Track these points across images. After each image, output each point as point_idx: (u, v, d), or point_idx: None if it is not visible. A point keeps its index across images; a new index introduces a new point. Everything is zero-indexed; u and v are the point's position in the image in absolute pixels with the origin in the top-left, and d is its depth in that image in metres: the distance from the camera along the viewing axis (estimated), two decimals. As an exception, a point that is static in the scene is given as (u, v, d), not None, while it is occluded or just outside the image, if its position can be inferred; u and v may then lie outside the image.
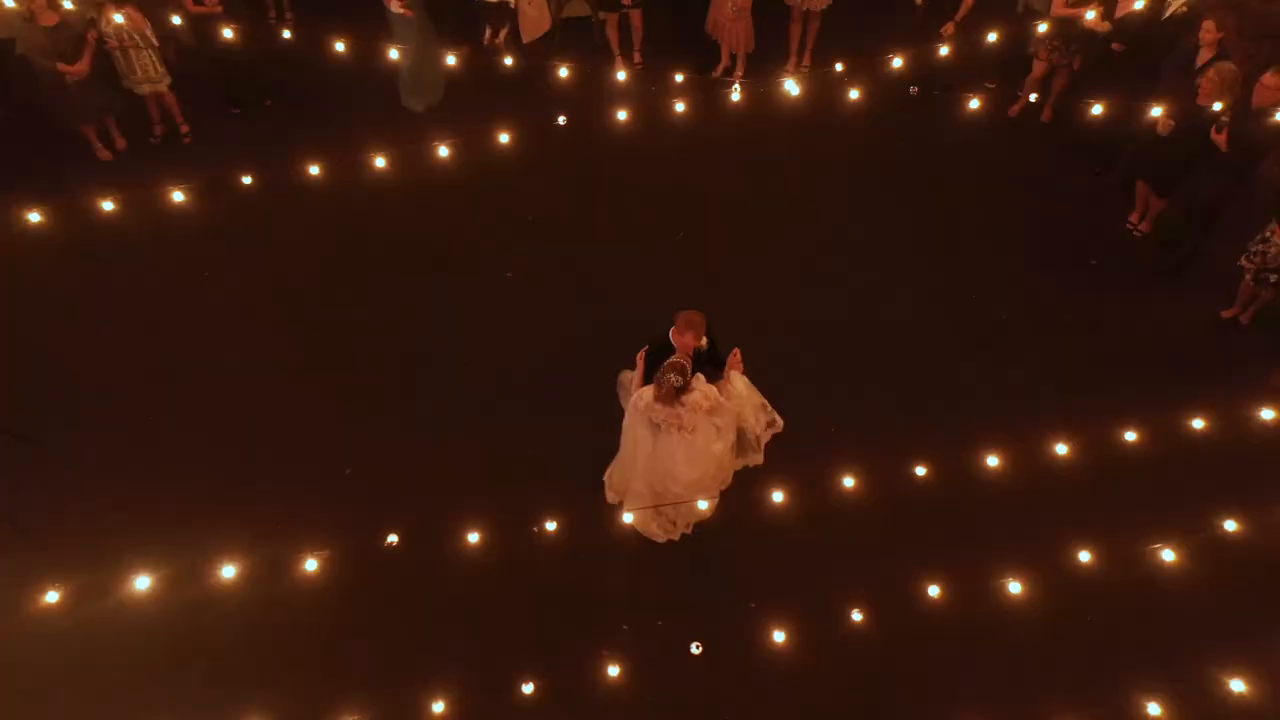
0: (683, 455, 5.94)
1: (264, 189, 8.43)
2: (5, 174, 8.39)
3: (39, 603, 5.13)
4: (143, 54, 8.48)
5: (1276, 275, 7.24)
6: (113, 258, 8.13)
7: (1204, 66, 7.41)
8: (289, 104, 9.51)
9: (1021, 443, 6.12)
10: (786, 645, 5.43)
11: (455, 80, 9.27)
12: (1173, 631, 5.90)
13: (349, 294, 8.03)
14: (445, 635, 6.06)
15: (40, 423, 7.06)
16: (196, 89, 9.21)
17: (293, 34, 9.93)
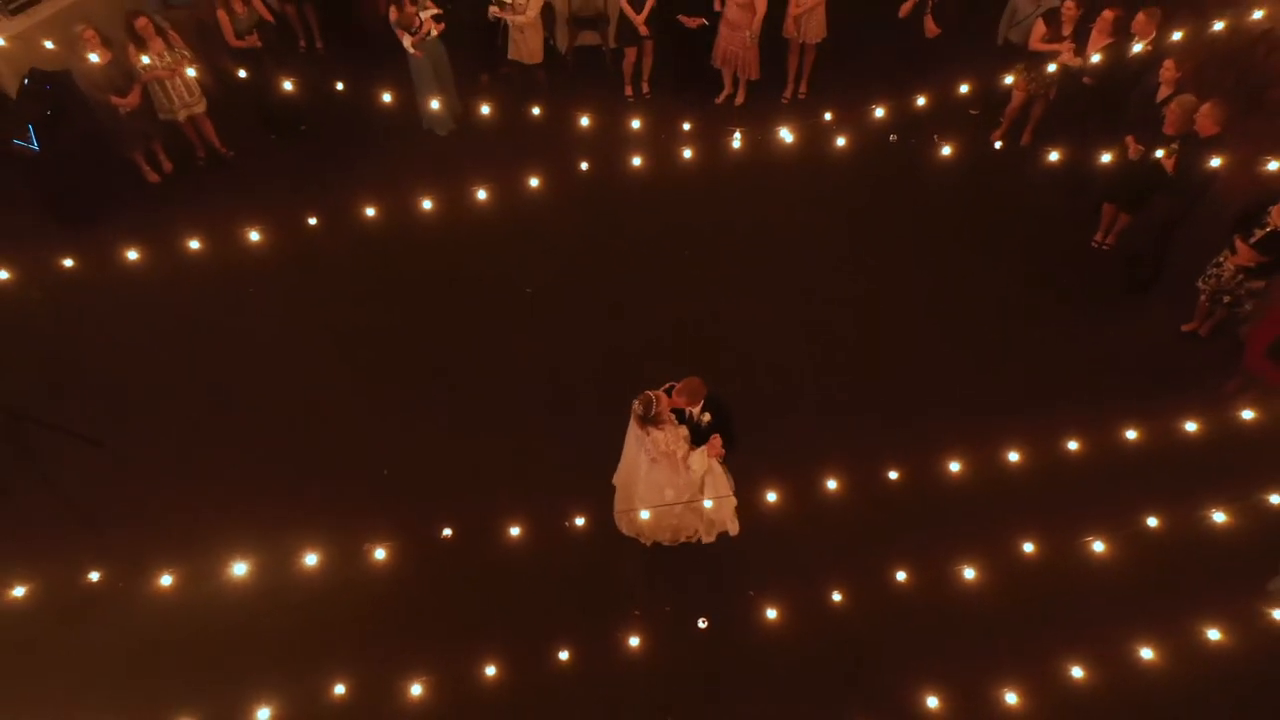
0: (644, 479, 6.49)
1: (302, 211, 9.18)
2: (63, 198, 9.12)
3: (115, 589, 5.88)
4: (177, 81, 9.13)
5: (1229, 297, 7.96)
6: (165, 278, 8.77)
7: (1165, 100, 8.15)
8: (322, 128, 10.18)
9: (992, 446, 6.87)
10: (779, 624, 6.19)
11: (474, 107, 9.97)
12: (1098, 610, 6.66)
13: (381, 308, 8.71)
14: (484, 614, 6.78)
15: (103, 427, 7.76)
16: (235, 115, 9.89)
17: (323, 61, 10.75)
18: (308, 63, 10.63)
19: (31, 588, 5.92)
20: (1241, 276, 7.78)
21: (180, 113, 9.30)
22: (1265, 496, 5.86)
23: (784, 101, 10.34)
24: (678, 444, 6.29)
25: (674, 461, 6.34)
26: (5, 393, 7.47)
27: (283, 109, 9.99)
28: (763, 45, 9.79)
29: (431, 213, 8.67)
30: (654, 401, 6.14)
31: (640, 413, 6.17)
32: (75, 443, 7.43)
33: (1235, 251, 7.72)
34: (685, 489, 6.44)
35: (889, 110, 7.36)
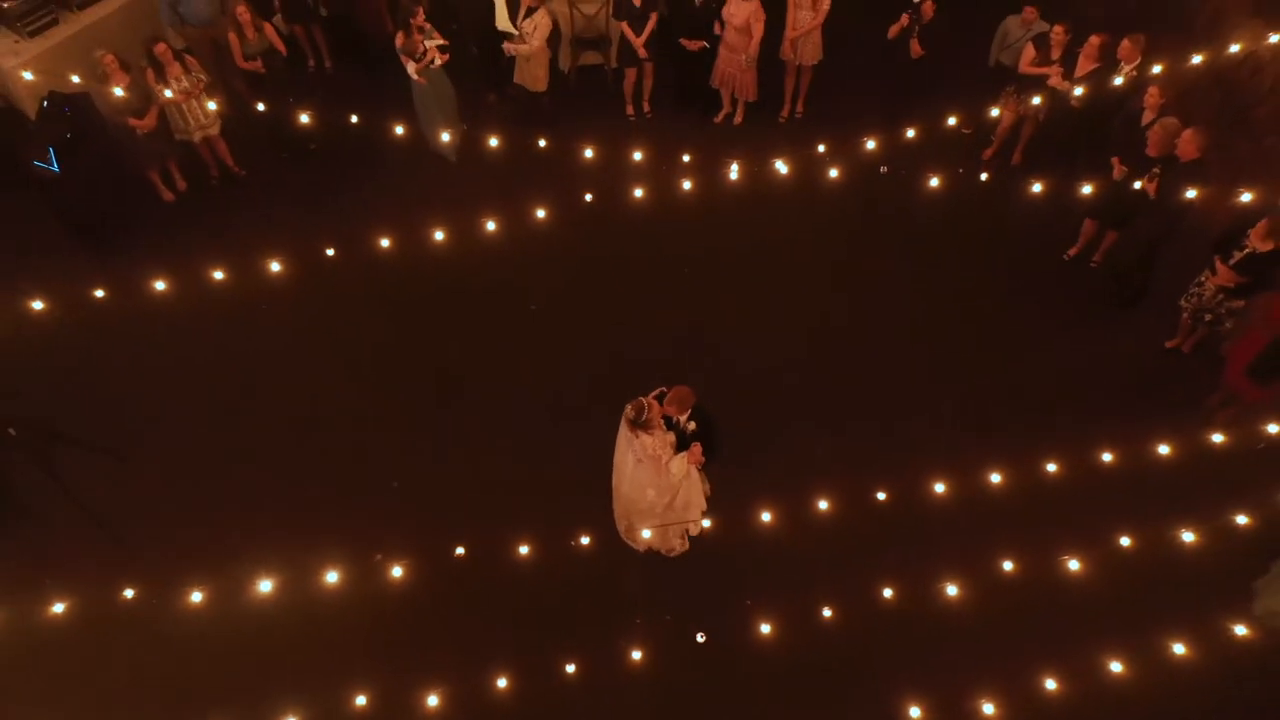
0: (629, 478, 6.86)
1: (312, 229, 9.48)
2: (81, 217, 9.41)
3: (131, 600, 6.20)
4: (193, 103, 9.39)
5: (1210, 315, 8.24)
6: (179, 296, 9.04)
7: (1149, 124, 8.43)
8: (332, 147, 10.44)
9: (980, 462, 7.16)
10: (772, 636, 6.51)
11: (478, 130, 10.27)
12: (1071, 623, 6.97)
13: (389, 323, 8.97)
14: (493, 625, 7.10)
15: (119, 442, 8.06)
16: (246, 135, 10.15)
17: (332, 80, 11.03)
18: (317, 82, 10.91)
19: (57, 602, 6.25)
20: (1222, 296, 8.06)
21: (196, 134, 9.57)
22: (1234, 517, 6.15)
23: (781, 121, 10.61)
24: (664, 449, 6.65)
25: (659, 465, 6.69)
26: (26, 409, 7.75)
27: (293, 129, 10.27)
28: (761, 67, 10.05)
29: (437, 232, 8.99)
30: (646, 408, 6.50)
31: (632, 417, 6.52)
32: (95, 460, 7.70)
33: (1215, 272, 8.00)
34: (667, 490, 6.81)
35: (880, 141, 7.61)
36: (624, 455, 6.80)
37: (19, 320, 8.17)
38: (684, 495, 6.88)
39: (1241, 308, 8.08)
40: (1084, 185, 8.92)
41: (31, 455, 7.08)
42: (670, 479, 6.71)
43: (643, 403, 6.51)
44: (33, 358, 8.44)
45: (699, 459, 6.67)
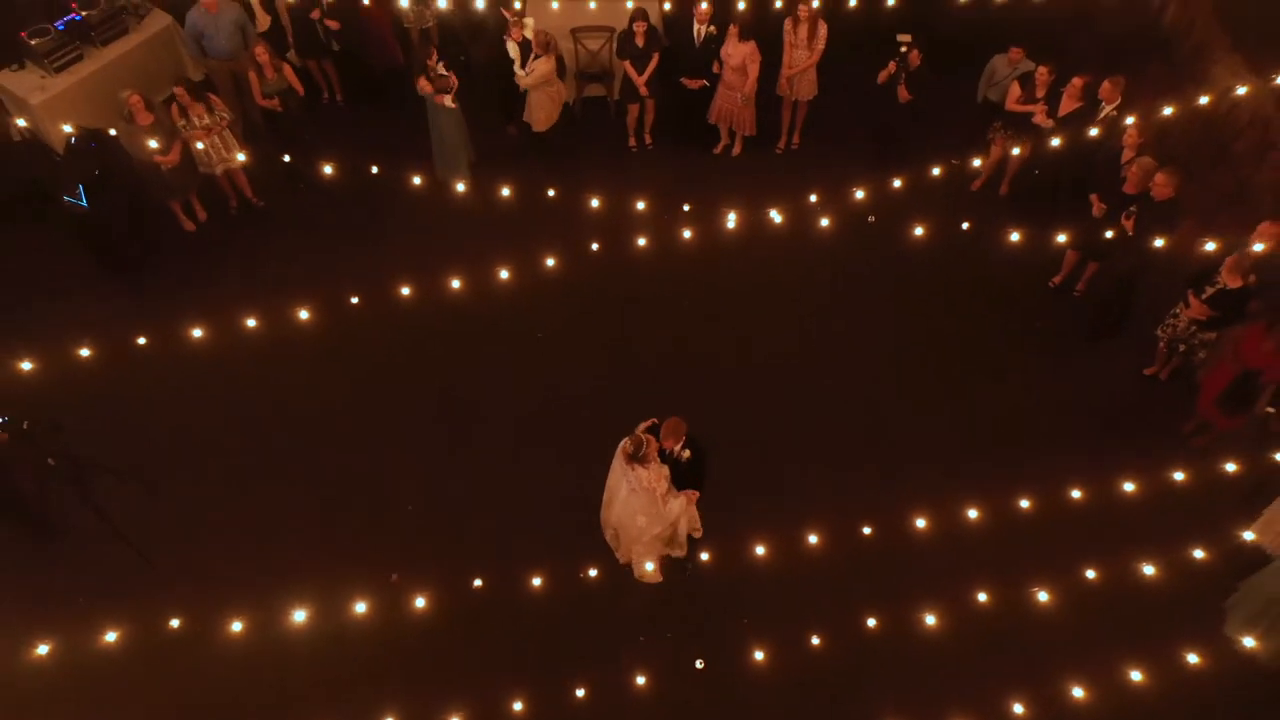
0: (621, 502, 7.29)
1: (326, 258, 9.91)
2: (107, 248, 9.83)
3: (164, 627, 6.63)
4: (214, 139, 9.80)
5: (1184, 346, 8.65)
6: (199, 324, 9.48)
7: (1128, 162, 8.84)
8: (344, 177, 10.83)
9: (964, 490, 7.61)
10: (767, 660, 6.96)
11: (486, 162, 10.73)
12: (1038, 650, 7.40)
13: (399, 348, 9.35)
14: (503, 645, 7.51)
15: (152, 466, 8.47)
16: (264, 167, 10.56)
17: (343, 113, 11.46)
18: (330, 115, 11.32)
19: (91, 624, 6.68)
20: (1194, 328, 8.46)
21: (217, 167, 9.98)
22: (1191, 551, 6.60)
23: (778, 152, 11.03)
24: (659, 482, 7.07)
25: (653, 496, 7.10)
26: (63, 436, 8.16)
27: (308, 157, 10.68)
28: (758, 102, 10.45)
29: (447, 262, 9.39)
30: (644, 444, 6.92)
31: (630, 452, 6.95)
32: (126, 486, 8.10)
33: (1189, 305, 8.41)
34: (657, 520, 7.23)
35: (869, 189, 8.01)
36: (618, 482, 7.22)
37: (57, 353, 8.69)
38: (684, 526, 7.32)
39: (1213, 340, 8.49)
40: (1066, 218, 9.41)
41: (68, 481, 7.48)
42: (667, 514, 7.13)
43: (641, 439, 6.93)
44: (67, 386, 8.87)
45: (694, 497, 7.12)
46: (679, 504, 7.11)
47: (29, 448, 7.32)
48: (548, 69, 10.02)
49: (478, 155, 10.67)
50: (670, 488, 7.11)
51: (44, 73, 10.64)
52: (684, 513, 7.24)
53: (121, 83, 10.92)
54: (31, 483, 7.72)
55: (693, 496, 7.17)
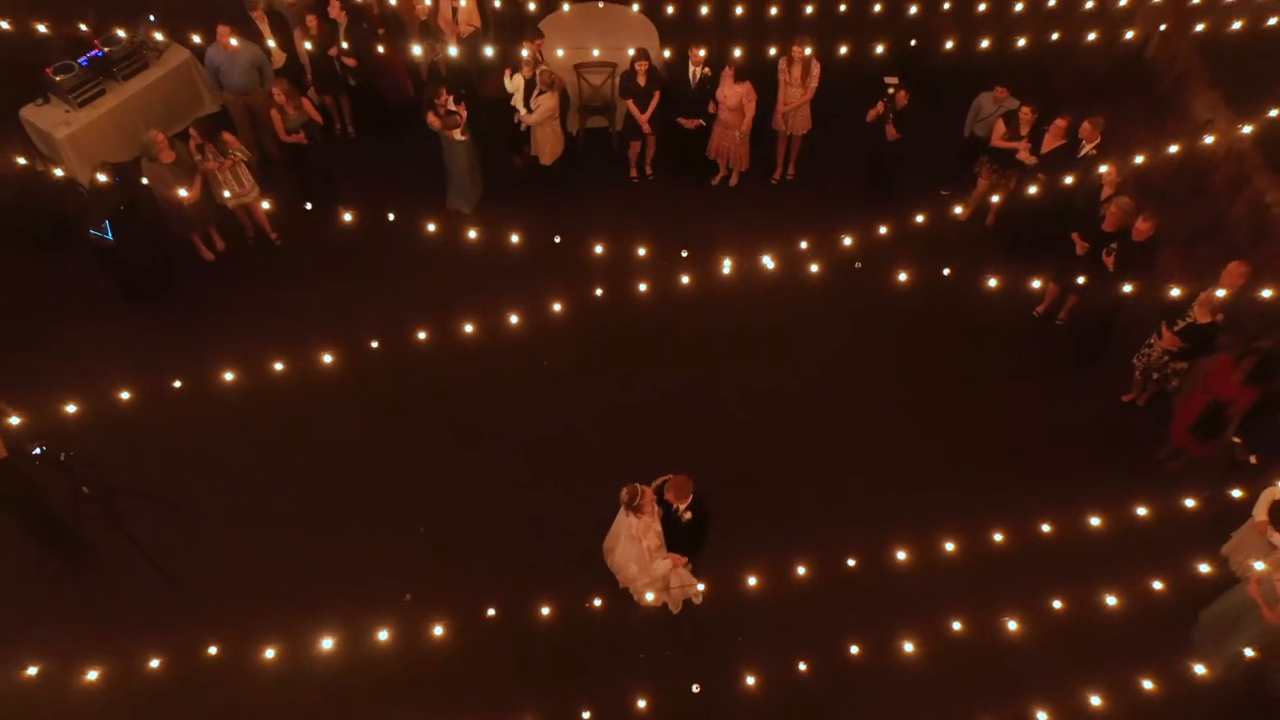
0: (620, 547, 7.58)
1: (339, 289, 10.33)
2: (132, 278, 10.28)
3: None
4: (228, 175, 10.23)
5: (1158, 374, 9.09)
6: (217, 352, 9.92)
7: (1107, 200, 9.28)
8: (356, 207, 11.24)
9: (949, 518, 8.07)
10: (758, 685, 7.47)
11: (496, 192, 11.18)
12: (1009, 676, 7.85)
13: (413, 380, 9.71)
14: (509, 662, 7.95)
15: (179, 492, 8.91)
16: (279, 195, 10.96)
17: (355, 145, 11.90)
18: (344, 148, 11.75)
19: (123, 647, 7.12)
20: (1167, 358, 8.91)
21: (232, 201, 10.41)
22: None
23: (773, 183, 11.47)
24: (648, 536, 7.29)
25: (640, 547, 7.34)
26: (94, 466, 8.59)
27: (323, 188, 11.13)
28: (754, 133, 10.89)
29: (457, 292, 9.83)
30: (639, 494, 7.17)
31: (625, 500, 7.21)
32: (155, 513, 8.52)
33: (1162, 337, 8.85)
34: (644, 572, 7.50)
35: (856, 234, 8.44)
36: (619, 525, 7.52)
37: (84, 379, 9.12)
38: (677, 583, 7.69)
39: (1185, 369, 8.94)
40: (1048, 251, 9.86)
41: (101, 510, 7.92)
42: (653, 570, 7.40)
43: (636, 488, 7.18)
44: (95, 411, 9.30)
45: (681, 562, 7.44)
46: (664, 566, 7.34)
47: (65, 476, 7.73)
48: (552, 105, 10.45)
49: (487, 186, 11.12)
50: (661, 545, 7.32)
51: (68, 107, 11.08)
52: (671, 573, 7.48)
53: (142, 116, 11.45)
54: (65, 508, 8.14)
55: (679, 561, 7.41)
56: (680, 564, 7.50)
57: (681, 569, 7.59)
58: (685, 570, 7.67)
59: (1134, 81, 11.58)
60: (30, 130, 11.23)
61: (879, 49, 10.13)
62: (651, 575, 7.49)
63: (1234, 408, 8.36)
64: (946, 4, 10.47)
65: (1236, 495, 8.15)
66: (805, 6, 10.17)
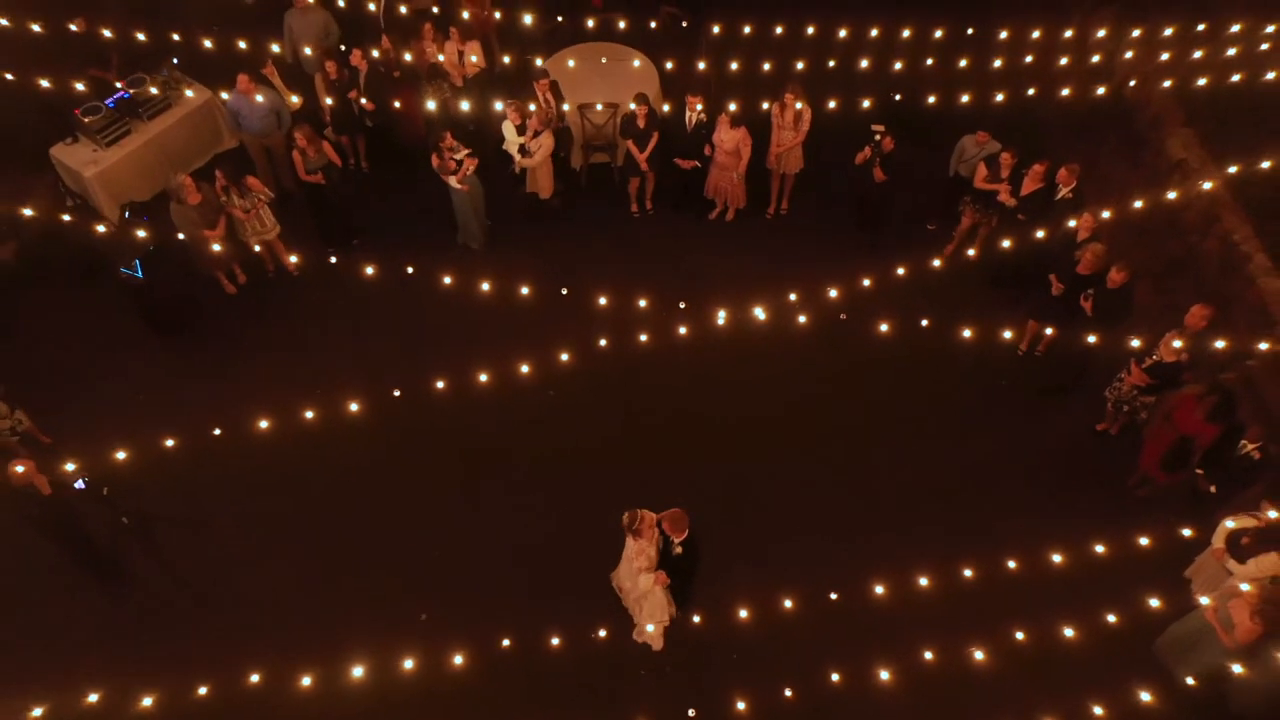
0: (621, 565, 8.27)
1: (354, 322, 10.89)
2: (159, 312, 10.86)
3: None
4: (255, 214, 10.81)
5: (1128, 406, 9.67)
6: (240, 384, 10.54)
7: (1082, 243, 9.83)
8: (371, 241, 11.82)
9: (928, 546, 8.65)
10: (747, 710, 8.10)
11: (502, 229, 11.76)
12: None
13: (424, 407, 10.23)
14: (520, 680, 8.52)
15: (201, 515, 9.51)
16: (297, 231, 11.55)
17: (370, 181, 12.46)
18: (360, 185, 12.29)
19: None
20: (1136, 392, 9.48)
21: (253, 239, 10.98)
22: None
23: (767, 217, 12.05)
24: (642, 559, 7.96)
25: (630, 567, 8.05)
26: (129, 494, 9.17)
27: (339, 225, 11.70)
28: (749, 171, 11.45)
29: (465, 322, 10.38)
30: (638, 519, 7.84)
31: (625, 524, 7.88)
32: (182, 537, 9.11)
33: (1131, 373, 9.42)
34: (634, 587, 8.21)
35: (841, 289, 8.99)
36: (628, 547, 8.19)
37: (115, 412, 9.70)
38: (648, 606, 8.33)
39: (1153, 402, 9.51)
40: (1029, 288, 10.43)
41: (139, 539, 8.52)
42: (640, 583, 8.06)
43: (637, 514, 7.85)
44: (126, 441, 9.87)
45: (664, 581, 8.05)
46: (647, 581, 7.99)
47: (106, 508, 8.32)
48: (551, 144, 11.03)
49: (494, 220, 11.69)
50: (650, 566, 7.95)
51: (96, 147, 11.65)
52: (653, 590, 8.11)
53: (166, 153, 12.05)
54: (104, 536, 8.73)
55: (660, 578, 8.02)
56: (662, 582, 8.11)
57: (660, 589, 8.20)
58: (664, 591, 8.28)
59: (1112, 120, 12.14)
60: (60, 168, 11.80)
61: (865, 104, 10.66)
62: (638, 590, 8.19)
63: (1198, 442, 8.93)
64: (930, 60, 11.00)
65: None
66: (796, 63, 10.70)
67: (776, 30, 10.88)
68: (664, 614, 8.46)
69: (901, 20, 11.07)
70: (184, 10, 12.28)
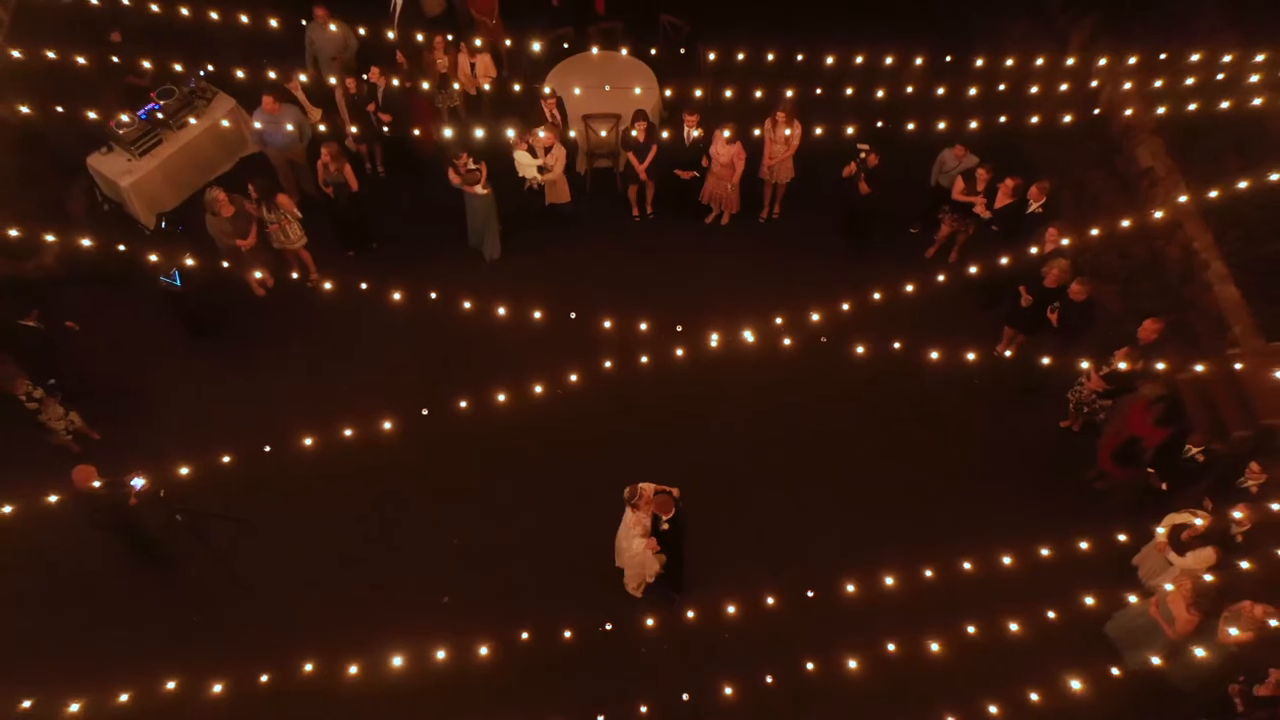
0: (620, 532, 9.29)
1: (371, 322, 11.69)
2: (195, 314, 11.70)
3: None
4: (282, 229, 11.63)
5: (1087, 408, 10.56)
6: (269, 381, 11.45)
7: (1048, 256, 10.63)
8: (388, 246, 12.62)
9: (897, 541, 9.61)
10: (734, 696, 9.13)
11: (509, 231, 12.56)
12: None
13: (440, 392, 10.83)
14: (540, 667, 9.43)
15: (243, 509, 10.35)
16: (319, 237, 12.32)
17: (385, 186, 13.19)
18: (371, 184, 13.00)
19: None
20: (1095, 395, 10.37)
21: (284, 246, 11.79)
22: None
23: (760, 221, 12.84)
24: (637, 528, 9.08)
25: (628, 534, 9.16)
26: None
27: (358, 230, 12.50)
28: (743, 179, 12.22)
29: (476, 323, 11.12)
30: (637, 493, 8.96)
31: (626, 497, 9.00)
32: (232, 534, 10.01)
33: (1089, 378, 10.30)
34: (627, 550, 9.32)
35: (823, 313, 9.80)
36: (626, 516, 9.21)
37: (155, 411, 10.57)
38: (639, 566, 9.45)
39: (1110, 405, 10.40)
40: (1003, 295, 11.26)
41: (193, 535, 9.46)
42: (631, 547, 9.17)
43: (636, 488, 8.97)
44: (168, 436, 10.79)
45: (654, 547, 9.10)
46: (639, 544, 9.09)
47: (161, 506, 9.25)
48: (564, 156, 11.80)
49: (505, 225, 12.48)
50: (644, 534, 9.04)
51: (130, 156, 12.39)
52: (643, 554, 9.21)
53: (194, 160, 12.80)
54: (160, 530, 9.67)
55: (652, 544, 9.08)
56: (653, 547, 9.15)
57: (650, 553, 9.24)
58: (652, 554, 9.31)
59: (1087, 131, 12.86)
60: (97, 177, 12.55)
61: (849, 130, 11.42)
62: (630, 551, 9.28)
63: (1147, 443, 9.84)
64: (909, 88, 11.71)
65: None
66: (786, 90, 11.43)
67: (769, 57, 11.56)
68: (649, 573, 9.59)
69: (885, 48, 11.77)
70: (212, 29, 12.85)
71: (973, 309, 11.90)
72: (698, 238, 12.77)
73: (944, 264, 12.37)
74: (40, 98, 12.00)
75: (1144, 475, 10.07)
